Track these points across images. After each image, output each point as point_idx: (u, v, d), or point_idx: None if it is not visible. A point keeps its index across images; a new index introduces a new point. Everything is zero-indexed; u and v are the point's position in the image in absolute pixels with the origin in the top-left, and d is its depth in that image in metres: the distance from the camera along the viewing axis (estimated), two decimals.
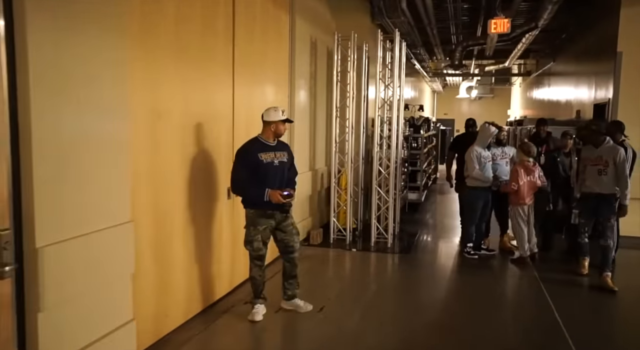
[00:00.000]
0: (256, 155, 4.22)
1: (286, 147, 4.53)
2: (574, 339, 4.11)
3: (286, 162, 4.41)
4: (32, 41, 2.58)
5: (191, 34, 4.18)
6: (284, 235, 4.43)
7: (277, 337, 4.29)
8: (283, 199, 4.19)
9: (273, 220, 4.34)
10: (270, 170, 4.26)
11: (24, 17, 2.55)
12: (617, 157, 5.34)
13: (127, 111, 3.34)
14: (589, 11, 9.08)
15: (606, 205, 5.48)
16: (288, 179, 4.43)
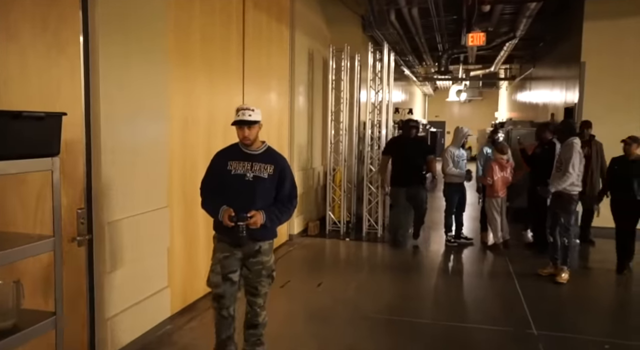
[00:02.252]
0: (225, 163, 3.40)
1: (277, 161, 3.44)
2: (530, 307, 4.97)
3: (266, 179, 3.33)
4: (103, 62, 3.41)
5: (212, 52, 5.01)
6: (248, 274, 3.42)
7: (282, 306, 5.11)
8: (230, 222, 3.21)
9: (239, 250, 3.39)
10: (236, 184, 3.33)
11: (97, 41, 3.38)
12: (566, 154, 5.66)
13: (167, 117, 4.18)
14: (560, 23, 9.98)
15: (558, 203, 5.77)
16: (264, 201, 3.33)
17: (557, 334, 4.37)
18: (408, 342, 4.23)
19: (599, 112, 7.87)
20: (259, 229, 3.30)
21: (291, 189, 3.49)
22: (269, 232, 3.44)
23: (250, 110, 3.31)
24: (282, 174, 3.42)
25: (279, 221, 3.42)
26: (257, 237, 3.36)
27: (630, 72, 8.09)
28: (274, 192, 3.39)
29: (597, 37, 8.15)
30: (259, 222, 3.26)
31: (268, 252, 3.47)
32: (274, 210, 3.36)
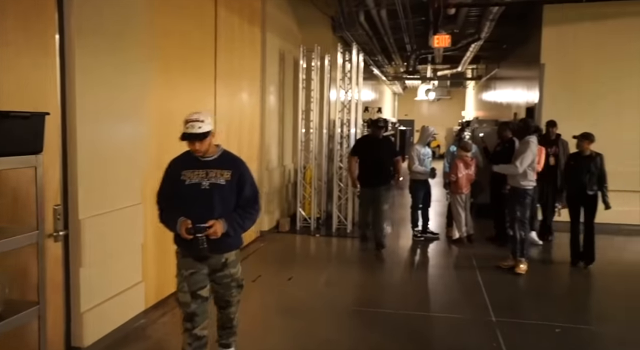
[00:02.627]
0: (179, 173, 3.20)
1: (234, 165, 3.25)
2: (489, 296, 5.25)
3: (224, 186, 3.14)
4: (80, 61, 3.51)
5: (186, 53, 5.13)
6: (219, 288, 3.33)
7: (254, 300, 5.26)
8: (188, 235, 3.02)
9: (205, 265, 3.23)
10: (192, 194, 3.12)
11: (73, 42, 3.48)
12: (516, 149, 6.11)
13: (144, 116, 4.29)
14: (522, 27, 10.37)
15: (512, 198, 6.06)
16: (224, 209, 3.15)
17: (514, 320, 4.66)
18: (372, 331, 4.44)
19: (558, 111, 8.21)
20: (222, 239, 3.12)
21: (252, 193, 3.28)
22: (234, 241, 3.27)
23: (200, 122, 3.03)
24: (241, 178, 3.22)
25: (242, 228, 3.24)
26: (221, 249, 3.19)
27: (588, 74, 8.50)
28: (235, 198, 3.19)
29: (556, 41, 8.54)
30: (219, 232, 3.07)
31: (235, 264, 3.33)
32: (236, 217, 3.17)
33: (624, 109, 8.43)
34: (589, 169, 6.09)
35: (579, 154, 6.26)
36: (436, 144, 27.73)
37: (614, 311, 5.04)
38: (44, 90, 3.33)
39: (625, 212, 7.80)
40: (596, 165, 6.11)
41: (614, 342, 4.30)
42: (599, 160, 6.14)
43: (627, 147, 8.25)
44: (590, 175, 6.09)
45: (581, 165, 6.16)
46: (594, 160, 6.13)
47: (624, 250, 7.39)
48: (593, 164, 6.11)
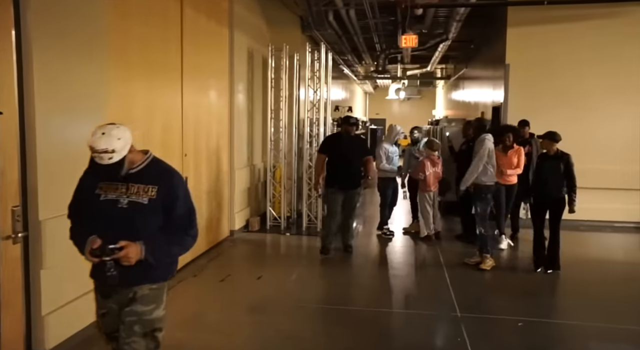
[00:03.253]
0: (94, 185, 2.59)
1: (162, 179, 2.59)
2: (455, 292, 5.34)
3: (146, 206, 2.50)
4: (38, 59, 3.44)
5: (150, 53, 5.06)
6: (121, 330, 2.56)
7: (222, 298, 5.24)
8: (93, 257, 2.42)
9: (112, 300, 2.60)
10: (107, 212, 2.52)
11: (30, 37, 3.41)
12: (476, 147, 6.22)
13: (105, 116, 4.21)
14: (488, 27, 10.57)
15: (475, 195, 6.18)
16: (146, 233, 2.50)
17: (478, 315, 4.76)
18: (339, 328, 4.47)
19: (523, 111, 8.33)
20: (137, 268, 2.46)
21: (185, 213, 2.62)
22: (153, 273, 2.57)
23: (110, 153, 2.39)
24: (169, 195, 2.55)
25: (167, 256, 2.60)
26: (132, 280, 2.53)
27: (552, 74, 8.72)
28: (161, 219, 2.55)
29: (520, 41, 8.74)
30: (133, 257, 2.41)
31: (149, 301, 2.56)
32: (160, 242, 2.53)
33: (587, 109, 8.65)
34: (555, 170, 5.82)
35: (545, 154, 6.06)
36: (407, 143, 28.09)
37: (577, 306, 5.19)
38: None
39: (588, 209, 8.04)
40: (564, 166, 5.82)
41: (576, 335, 4.43)
42: (565, 161, 5.85)
43: (591, 145, 8.47)
44: (557, 177, 5.82)
45: (547, 167, 5.92)
46: (561, 161, 5.83)
47: (587, 247, 7.58)
48: (560, 164, 5.81)
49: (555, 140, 5.90)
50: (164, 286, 2.67)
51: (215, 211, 6.99)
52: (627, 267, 6.59)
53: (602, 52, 8.58)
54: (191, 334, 4.24)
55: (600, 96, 8.64)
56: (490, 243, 6.19)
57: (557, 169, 5.81)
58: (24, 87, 3.40)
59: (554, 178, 5.81)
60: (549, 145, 5.94)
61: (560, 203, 5.83)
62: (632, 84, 8.55)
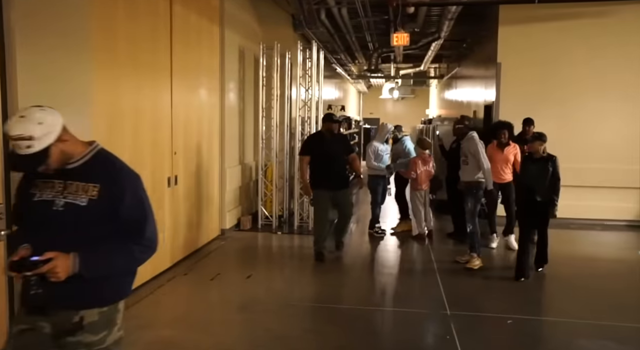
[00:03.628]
0: (30, 182, 2.13)
1: (108, 176, 2.16)
2: (446, 290, 5.34)
3: (85, 208, 2.04)
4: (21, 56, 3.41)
5: (138, 50, 5.02)
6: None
7: (211, 297, 5.22)
8: (11, 271, 1.93)
9: (45, 320, 2.06)
10: (40, 215, 2.07)
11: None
12: (470, 147, 6.12)
13: (91, 113, 4.20)
14: (480, 26, 10.59)
15: (467, 192, 6.13)
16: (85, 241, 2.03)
17: (468, 313, 4.76)
18: (329, 327, 4.46)
19: (515, 110, 8.33)
20: (75, 286, 1.98)
21: (136, 220, 2.13)
22: (103, 292, 2.10)
23: (27, 140, 1.92)
24: (114, 195, 2.09)
25: (109, 270, 2.09)
26: (74, 301, 2.04)
27: (544, 72, 8.75)
28: (107, 225, 2.07)
29: (512, 40, 8.77)
30: (61, 272, 1.92)
31: (100, 327, 2.08)
32: (101, 253, 2.05)
33: (578, 108, 8.69)
34: (543, 173, 5.56)
35: (531, 156, 5.79)
36: None
37: (565, 303, 5.18)
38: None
39: (579, 207, 8.10)
40: (552, 169, 5.57)
41: (564, 332, 4.43)
42: (551, 164, 5.59)
43: (582, 144, 8.49)
44: (545, 180, 5.56)
45: (534, 169, 5.64)
46: (549, 163, 5.58)
47: (577, 245, 7.61)
48: (548, 167, 5.57)
49: (544, 141, 5.68)
50: (117, 309, 2.16)
51: (206, 210, 6.97)
52: (616, 264, 6.61)
53: (592, 50, 8.62)
54: (180, 333, 4.22)
55: (591, 95, 8.69)
56: (477, 241, 6.13)
57: (545, 172, 5.55)
58: (7, 87, 3.36)
59: (542, 181, 5.55)
60: (539, 146, 5.65)
61: (548, 206, 5.60)
62: (622, 83, 8.59)
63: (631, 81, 8.56)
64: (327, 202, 6.39)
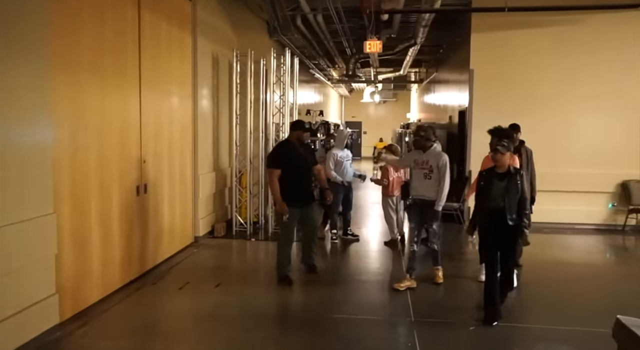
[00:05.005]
0: None
1: None
2: (412, 296, 5.40)
3: None
4: None
5: (104, 58, 5.00)
6: None
7: (178, 306, 5.20)
8: None
9: None
10: None
11: None
12: (440, 161, 5.54)
13: (51, 122, 4.17)
14: (454, 32, 10.72)
15: (430, 212, 5.58)
16: None
17: (431, 320, 4.81)
18: (294, 335, 4.49)
19: (488, 115, 8.39)
20: None
21: None
22: None
23: None
24: None
25: None
26: None
27: (514, 78, 8.89)
28: None
29: (484, 47, 8.89)
30: None
31: None
32: None
33: (548, 114, 8.83)
34: (509, 190, 4.63)
35: (492, 171, 4.82)
36: (382, 145, 28.30)
37: (531, 309, 5.28)
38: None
39: (551, 211, 8.22)
40: (520, 185, 4.66)
41: (526, 337, 4.51)
42: (520, 178, 4.69)
43: (553, 149, 8.61)
44: (511, 199, 4.62)
45: (498, 186, 4.68)
46: (516, 178, 4.67)
47: (548, 249, 7.68)
48: (515, 182, 4.65)
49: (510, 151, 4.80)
50: None
51: (178, 217, 6.95)
52: (584, 268, 6.72)
53: (561, 57, 8.79)
54: (138, 344, 4.23)
55: (560, 101, 8.85)
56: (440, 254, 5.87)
57: (514, 189, 4.64)
58: None
59: (509, 201, 4.61)
60: (504, 157, 4.70)
61: (515, 231, 4.67)
62: (590, 90, 8.76)
63: (600, 88, 8.74)
64: (296, 220, 5.88)
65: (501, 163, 4.70)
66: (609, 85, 8.72)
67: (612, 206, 8.85)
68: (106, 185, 5.10)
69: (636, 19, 8.50)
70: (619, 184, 8.78)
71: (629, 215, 8.67)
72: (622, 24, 8.60)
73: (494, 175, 4.76)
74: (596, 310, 5.08)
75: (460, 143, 9.64)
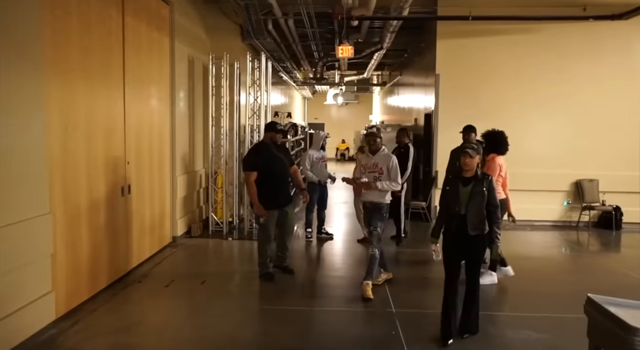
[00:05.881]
0: None
1: None
2: (390, 288, 5.73)
3: None
4: None
5: (91, 61, 5.11)
6: None
7: (167, 302, 5.36)
8: None
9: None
10: None
11: None
12: (389, 163, 5.49)
13: (43, 124, 4.26)
14: (420, 37, 11.17)
15: (376, 214, 5.52)
16: None
17: (411, 310, 5.15)
18: (279, 327, 4.73)
19: (453, 118, 8.87)
20: None
21: None
22: None
23: None
24: None
25: None
26: None
27: (477, 83, 9.39)
28: None
29: (449, 53, 9.37)
30: None
31: None
32: None
33: (508, 117, 9.29)
34: (474, 197, 4.26)
35: (458, 176, 4.44)
36: (345, 146, 28.78)
37: (497, 299, 5.69)
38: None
39: None
40: (487, 191, 4.28)
41: (494, 324, 4.89)
42: (489, 184, 4.30)
43: (513, 150, 9.11)
44: (476, 207, 4.26)
45: (462, 192, 4.31)
46: (483, 184, 4.28)
47: (509, 245, 8.15)
48: (482, 189, 4.27)
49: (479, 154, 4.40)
50: None
51: (158, 218, 7.07)
52: (542, 261, 7.25)
53: (519, 63, 9.35)
54: (137, 338, 4.39)
55: (519, 105, 9.42)
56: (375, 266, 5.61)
57: (478, 196, 4.26)
58: None
59: (473, 208, 4.26)
60: (471, 160, 4.29)
61: (479, 243, 4.34)
62: (546, 93, 9.35)
63: (555, 92, 9.34)
64: (274, 221, 5.98)
65: (470, 167, 4.31)
66: (561, 90, 9.33)
67: (567, 204, 9.49)
68: (94, 185, 5.21)
69: (582, 29, 9.15)
70: (573, 183, 9.42)
71: (582, 212, 9.33)
72: (571, 33, 9.24)
73: (460, 180, 4.37)
74: (556, 299, 5.55)
75: (427, 144, 10.08)
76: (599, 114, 9.33)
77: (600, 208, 9.31)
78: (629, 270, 6.88)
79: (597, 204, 9.31)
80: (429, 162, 9.81)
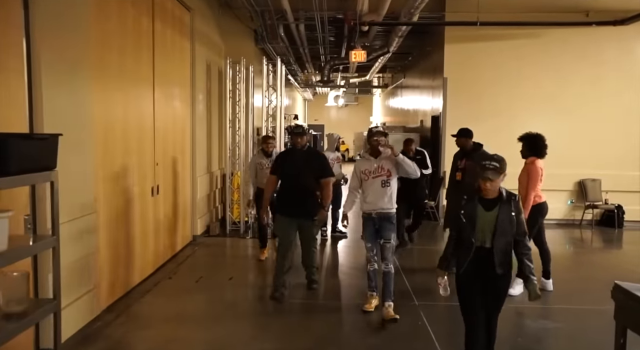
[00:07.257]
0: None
1: None
2: (410, 282, 5.99)
3: None
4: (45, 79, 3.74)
5: (126, 64, 5.35)
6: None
7: (201, 296, 5.58)
8: None
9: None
10: None
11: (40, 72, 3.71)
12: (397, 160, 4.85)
13: (90, 126, 4.50)
14: (427, 41, 11.47)
15: (386, 224, 4.95)
16: None
17: (432, 303, 5.42)
18: (312, 322, 4.99)
19: (460, 121, 9.12)
20: None
21: None
22: None
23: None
24: None
25: None
26: None
27: (484, 86, 9.69)
28: None
29: (456, 57, 9.66)
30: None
31: None
32: None
33: (511, 119, 9.61)
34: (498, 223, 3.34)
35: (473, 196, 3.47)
36: (345, 148, 29.05)
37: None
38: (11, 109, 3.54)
39: None
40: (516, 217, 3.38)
41: (515, 316, 5.17)
42: (514, 206, 3.38)
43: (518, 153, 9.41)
44: (504, 238, 3.37)
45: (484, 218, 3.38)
46: (509, 207, 3.38)
47: None
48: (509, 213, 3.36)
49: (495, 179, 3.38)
50: None
51: (181, 217, 7.30)
52: None
53: (524, 67, 9.66)
54: (178, 329, 4.62)
55: (525, 106, 9.70)
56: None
57: (506, 223, 3.36)
58: (34, 109, 3.70)
59: (501, 239, 3.36)
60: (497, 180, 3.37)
61: (506, 282, 3.52)
62: (551, 96, 9.66)
63: (559, 95, 9.66)
64: (289, 230, 5.49)
65: (493, 189, 3.38)
66: (565, 92, 9.65)
67: (570, 203, 9.81)
68: (129, 186, 5.44)
69: (585, 33, 9.48)
70: (576, 183, 9.74)
71: (585, 210, 9.65)
72: (574, 38, 9.56)
73: (480, 202, 3.42)
74: (567, 293, 5.85)
75: (434, 145, 10.36)
76: (602, 116, 9.66)
77: (603, 207, 9.63)
78: (633, 266, 7.20)
79: (600, 202, 9.64)
80: (437, 162, 10.08)
